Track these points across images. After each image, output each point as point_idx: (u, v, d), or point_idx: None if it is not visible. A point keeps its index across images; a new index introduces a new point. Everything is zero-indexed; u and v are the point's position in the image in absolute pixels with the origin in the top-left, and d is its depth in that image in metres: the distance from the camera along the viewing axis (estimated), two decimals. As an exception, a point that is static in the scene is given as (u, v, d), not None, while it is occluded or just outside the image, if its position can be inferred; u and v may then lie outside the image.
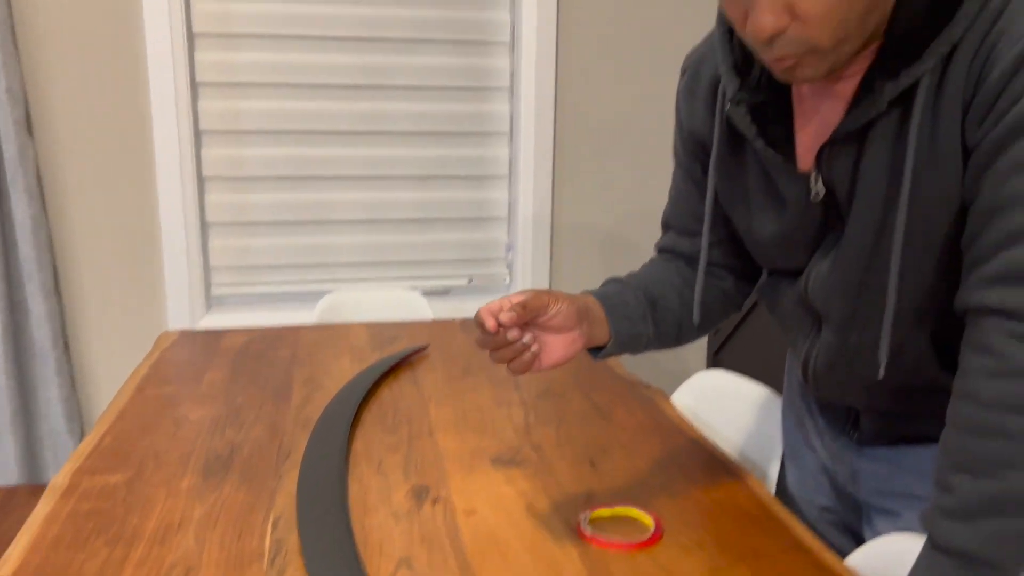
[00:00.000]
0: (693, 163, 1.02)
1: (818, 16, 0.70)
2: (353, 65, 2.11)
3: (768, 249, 0.96)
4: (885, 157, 0.79)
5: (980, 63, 0.71)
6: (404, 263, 2.27)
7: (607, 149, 2.25)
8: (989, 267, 0.72)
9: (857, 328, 0.89)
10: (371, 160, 2.17)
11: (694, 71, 0.98)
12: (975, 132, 0.73)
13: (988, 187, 0.72)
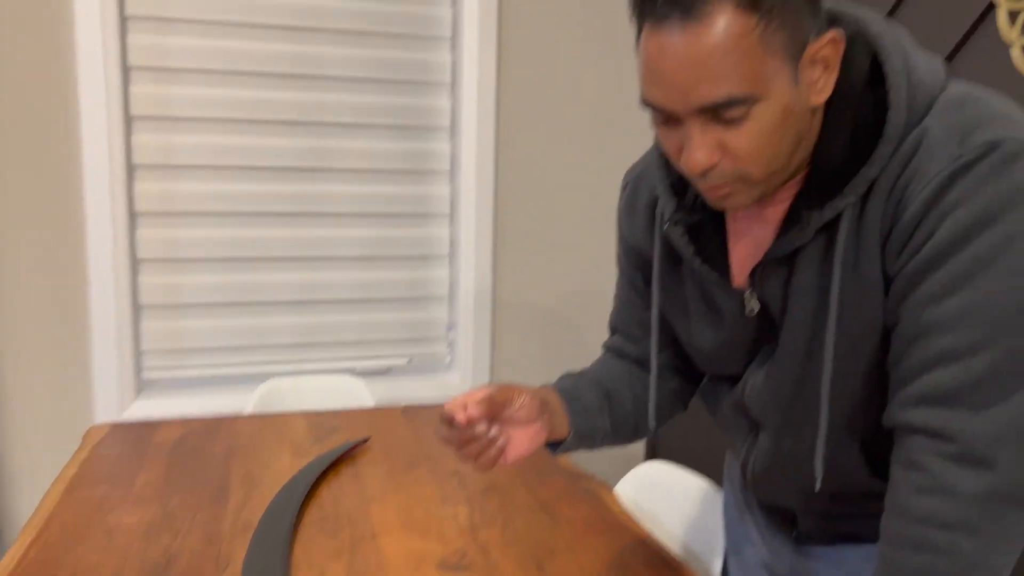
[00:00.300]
0: (635, 273, 1.06)
1: (747, 152, 0.75)
2: (292, 148, 2.12)
3: (707, 357, 1.00)
4: (813, 279, 0.84)
5: (895, 202, 0.77)
6: (342, 343, 2.25)
7: (547, 227, 2.30)
8: (912, 389, 0.76)
9: (791, 436, 0.94)
10: (309, 241, 2.17)
11: (633, 187, 1.03)
12: (893, 264, 0.78)
13: (907, 315, 0.77)
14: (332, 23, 2.10)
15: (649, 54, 0.74)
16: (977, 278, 0.72)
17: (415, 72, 2.17)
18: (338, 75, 2.12)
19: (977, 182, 0.72)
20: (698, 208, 0.91)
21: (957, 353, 0.73)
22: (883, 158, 0.77)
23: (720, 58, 0.71)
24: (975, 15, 1.37)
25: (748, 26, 0.71)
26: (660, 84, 0.74)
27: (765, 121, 0.74)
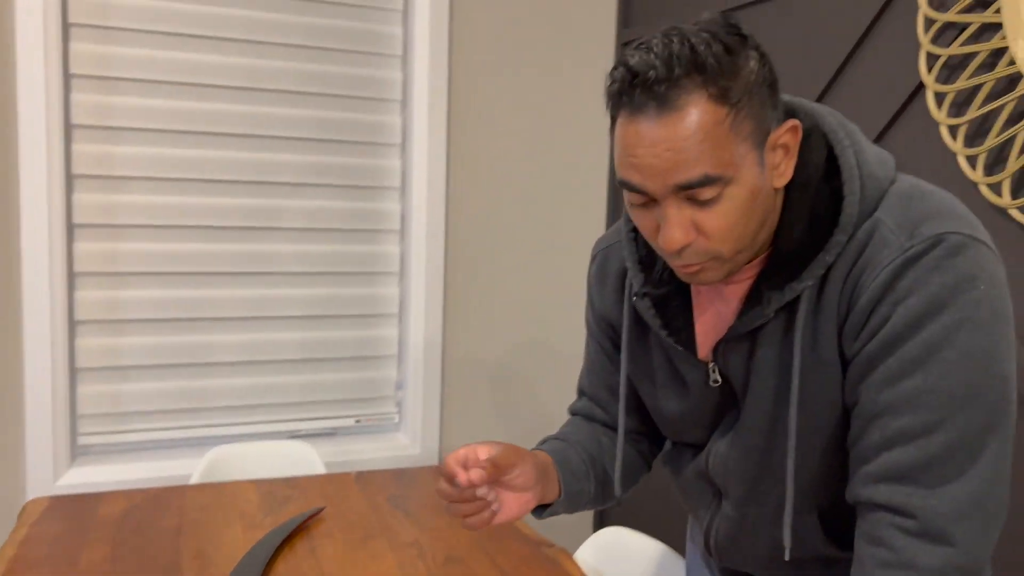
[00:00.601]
0: (605, 339, 1.10)
1: (720, 232, 0.80)
2: (237, 206, 2.09)
3: (672, 424, 1.03)
4: (774, 356, 0.89)
5: (850, 288, 0.82)
6: (288, 405, 2.21)
7: (499, 284, 2.32)
8: (873, 467, 0.80)
9: (755, 504, 0.97)
10: (254, 300, 2.14)
11: (603, 259, 1.07)
12: (851, 346, 0.83)
13: (866, 395, 0.81)
14: (278, 84, 2.10)
15: (627, 141, 0.79)
16: (929, 362, 0.77)
17: (365, 133, 2.19)
18: (285, 135, 2.11)
19: (926, 272, 0.77)
20: (665, 281, 0.95)
21: (914, 433, 0.77)
22: (838, 245, 0.82)
23: (695, 143, 0.76)
24: (906, 94, 1.45)
25: (719, 115, 0.76)
26: (638, 168, 0.79)
27: (736, 202, 0.79)
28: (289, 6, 2.08)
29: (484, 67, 2.23)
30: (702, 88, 0.76)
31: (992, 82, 1.30)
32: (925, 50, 1.40)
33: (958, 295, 0.76)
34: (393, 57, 2.20)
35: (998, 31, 1.29)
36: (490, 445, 0.89)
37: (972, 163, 1.33)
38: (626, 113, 0.79)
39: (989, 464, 0.77)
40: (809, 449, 0.89)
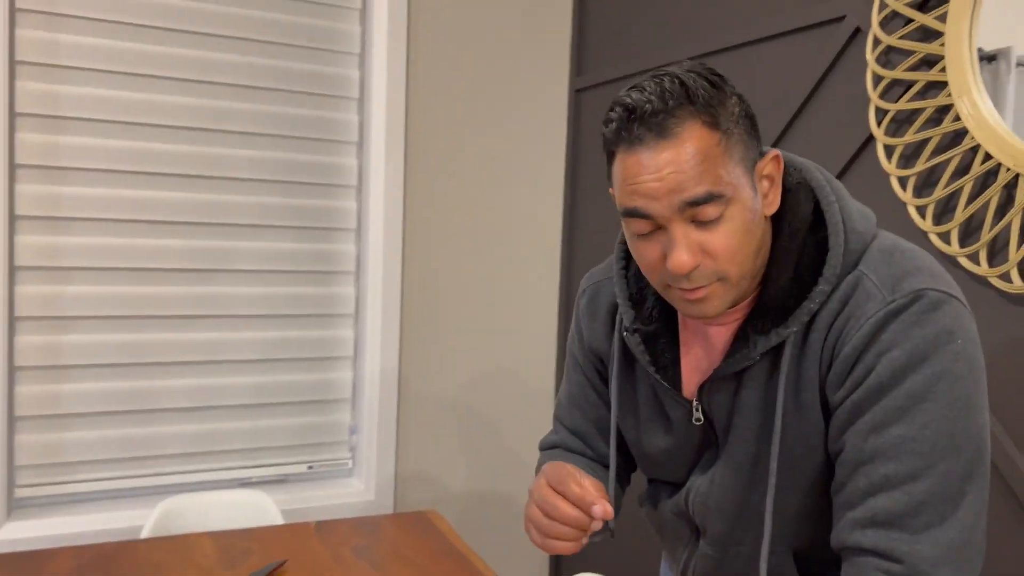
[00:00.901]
0: (591, 371, 1.12)
1: (725, 250, 0.83)
2: (188, 248, 2.05)
3: (653, 461, 1.05)
4: (758, 398, 0.92)
5: (835, 337, 0.86)
6: (238, 451, 2.14)
7: (456, 326, 2.31)
8: (860, 512, 0.82)
9: (733, 543, 0.99)
10: (204, 344, 2.08)
11: (593, 292, 1.10)
12: (834, 394, 0.86)
13: (852, 443, 0.83)
14: (230, 125, 2.07)
15: (630, 171, 0.83)
16: (913, 411, 0.80)
17: (321, 174, 2.17)
18: (239, 176, 2.08)
19: (908, 326, 0.81)
20: (654, 319, 0.98)
21: (899, 479, 0.80)
22: (823, 295, 0.86)
23: (696, 164, 0.80)
24: (857, 145, 1.52)
25: (713, 139, 0.81)
26: (644, 193, 0.82)
27: (736, 222, 0.83)
28: (243, 47, 2.07)
29: (441, 109, 2.25)
30: (695, 116, 0.81)
31: (939, 137, 1.37)
32: (874, 104, 1.47)
33: (938, 348, 0.80)
34: (350, 99, 2.20)
35: (943, 88, 1.36)
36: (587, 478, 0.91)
37: (922, 212, 1.40)
38: (625, 147, 0.83)
39: (969, 510, 0.80)
40: (788, 490, 0.92)
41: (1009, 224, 1.26)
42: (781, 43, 1.69)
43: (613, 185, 0.88)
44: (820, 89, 1.60)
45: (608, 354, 1.08)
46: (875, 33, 1.46)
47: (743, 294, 0.89)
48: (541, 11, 2.34)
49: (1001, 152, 1.26)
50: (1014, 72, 1.28)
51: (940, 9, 1.36)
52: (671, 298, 0.89)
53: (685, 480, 1.04)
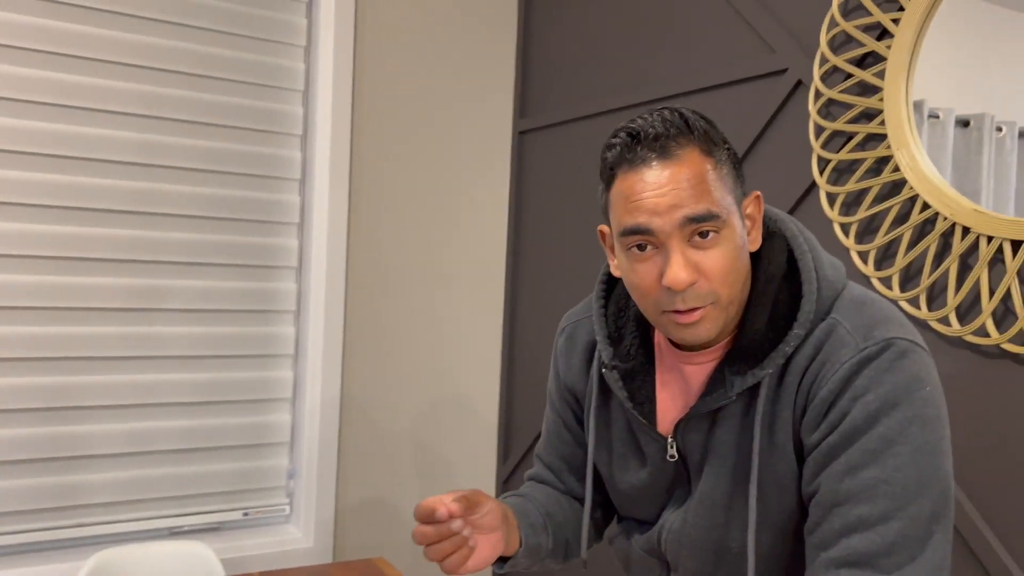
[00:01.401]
0: (565, 410, 1.15)
1: (719, 271, 0.87)
2: (118, 286, 1.96)
3: (626, 497, 1.07)
4: (733, 437, 0.94)
5: (810, 380, 0.89)
6: (169, 499, 2.05)
7: (399, 362, 2.27)
8: (834, 552, 0.85)
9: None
10: (134, 386, 1.99)
11: (571, 331, 1.12)
12: (809, 436, 0.89)
13: (827, 485, 0.86)
14: (170, 160, 2.02)
15: (633, 189, 0.87)
16: (886, 454, 0.83)
17: (261, 211, 2.12)
18: (174, 212, 2.02)
19: (881, 372, 0.85)
20: (632, 356, 1.01)
21: (872, 521, 0.83)
22: (797, 338, 0.89)
23: (696, 184, 0.86)
24: (800, 192, 1.58)
25: (710, 164, 0.87)
26: (646, 209, 0.86)
27: (730, 245, 0.87)
28: (183, 82, 2.02)
29: (387, 151, 2.24)
30: (693, 143, 0.87)
31: (879, 186, 1.44)
32: (816, 153, 1.54)
33: (910, 394, 0.84)
34: (293, 136, 2.17)
35: (883, 140, 1.43)
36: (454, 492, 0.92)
37: (864, 258, 1.46)
38: (627, 168, 0.88)
39: (937, 551, 0.83)
40: (759, 529, 0.94)
41: (947, 271, 1.33)
42: (726, 93, 1.75)
43: (610, 210, 0.92)
44: (764, 138, 1.67)
45: (584, 392, 1.10)
46: (816, 86, 1.53)
47: (728, 324, 0.92)
48: (486, 54, 2.37)
49: (938, 202, 1.33)
50: (927, 123, 1.36)
51: (878, 66, 1.44)
52: (663, 324, 0.91)
53: (656, 517, 1.06)
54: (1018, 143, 1.26)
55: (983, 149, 1.29)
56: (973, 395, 1.30)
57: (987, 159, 1.29)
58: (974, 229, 1.29)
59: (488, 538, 0.97)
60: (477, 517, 0.94)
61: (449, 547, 0.91)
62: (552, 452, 1.18)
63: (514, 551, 1.04)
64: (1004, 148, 1.27)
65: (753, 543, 0.92)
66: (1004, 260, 1.26)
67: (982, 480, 1.28)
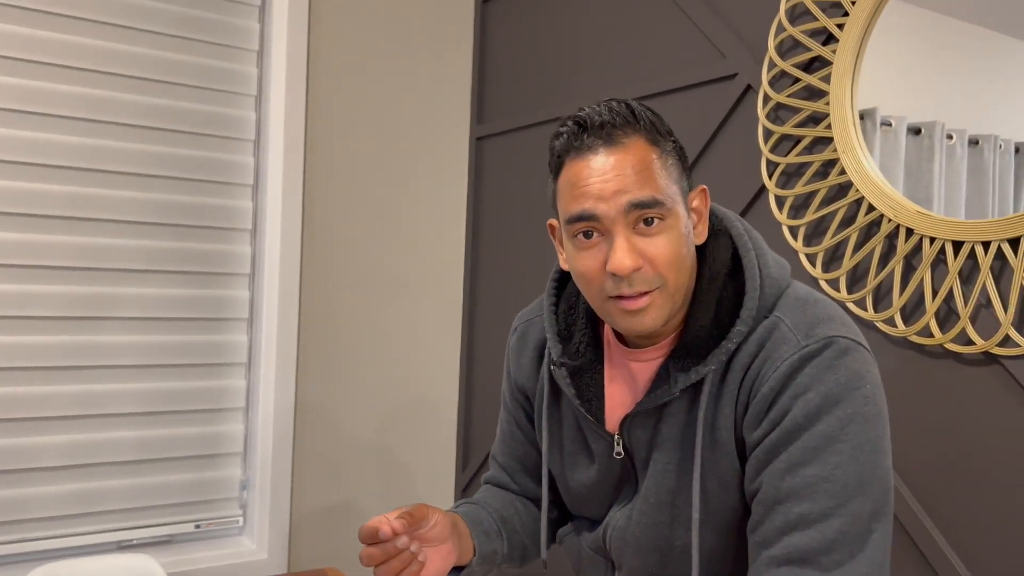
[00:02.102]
0: (518, 410, 1.15)
1: (664, 257, 0.87)
2: (64, 294, 1.92)
3: (576, 495, 1.07)
4: (677, 434, 0.94)
5: (752, 377, 0.89)
6: (119, 512, 1.99)
7: (355, 368, 2.25)
8: (775, 550, 0.85)
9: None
10: (80, 396, 1.94)
11: (523, 330, 1.13)
12: (751, 434, 0.89)
13: (768, 483, 0.86)
14: (118, 166, 1.98)
15: (579, 176, 0.88)
16: (827, 452, 0.83)
17: (212, 217, 2.09)
18: (121, 218, 1.97)
19: (822, 370, 0.85)
20: (580, 354, 1.01)
21: (813, 518, 0.83)
22: (740, 335, 0.90)
23: (641, 171, 0.86)
24: (750, 195, 1.59)
25: (656, 154, 0.88)
26: (592, 195, 0.87)
27: (675, 233, 0.88)
28: (132, 86, 1.98)
29: (341, 156, 2.22)
30: (639, 133, 0.88)
31: (825, 189, 1.45)
32: (765, 157, 1.55)
33: (850, 392, 0.84)
34: (246, 141, 2.14)
35: (829, 144, 1.45)
36: (399, 508, 0.91)
37: (812, 261, 1.47)
38: (575, 155, 0.89)
39: (876, 548, 0.83)
40: (701, 527, 0.94)
41: (892, 272, 1.34)
42: (677, 98, 1.76)
43: (558, 199, 0.92)
44: (715, 142, 1.68)
45: (534, 390, 1.10)
46: (765, 91, 1.55)
47: (673, 317, 0.92)
48: (442, 60, 2.36)
49: (883, 204, 1.35)
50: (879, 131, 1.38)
51: (824, 71, 1.46)
52: (609, 313, 0.91)
53: (605, 516, 1.05)
54: (968, 150, 1.28)
55: (934, 156, 1.31)
56: (918, 394, 1.32)
57: (938, 166, 1.31)
58: (917, 230, 1.30)
59: (438, 550, 0.96)
60: (424, 531, 0.93)
61: (398, 565, 0.90)
62: (506, 453, 1.18)
63: (468, 560, 1.03)
64: (955, 155, 1.29)
65: (697, 541, 0.91)
66: (946, 261, 1.28)
67: (926, 476, 1.30)
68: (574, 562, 1.12)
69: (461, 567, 1.04)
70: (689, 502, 0.94)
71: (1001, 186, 1.24)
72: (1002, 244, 1.20)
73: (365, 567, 0.90)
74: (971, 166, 1.27)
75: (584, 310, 1.03)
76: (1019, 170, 1.22)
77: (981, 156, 1.26)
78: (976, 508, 1.23)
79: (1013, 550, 1.19)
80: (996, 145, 1.25)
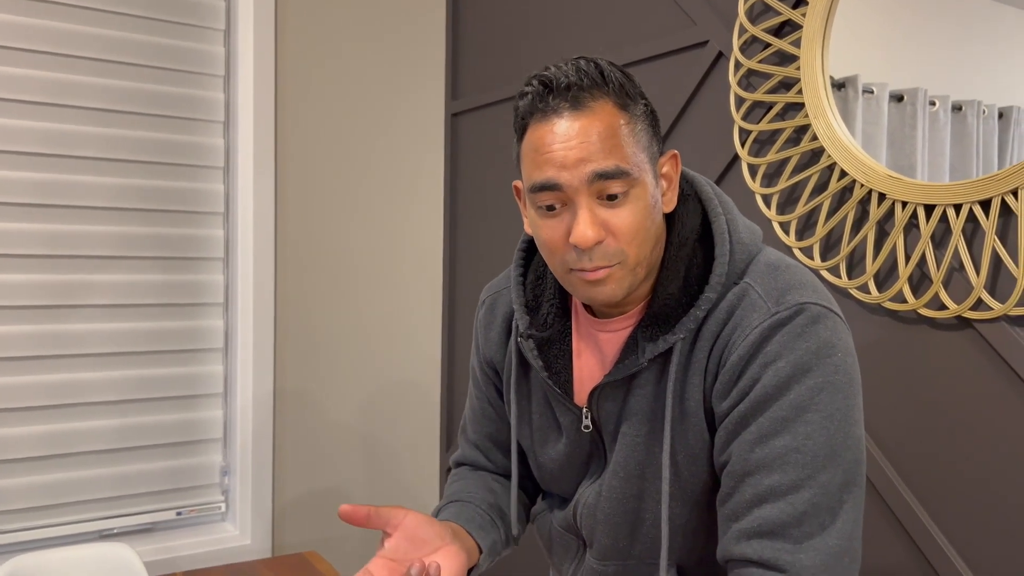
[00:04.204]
0: (488, 385, 1.12)
1: (627, 230, 0.84)
2: (36, 283, 1.89)
3: (547, 471, 1.05)
4: (646, 405, 0.92)
5: (721, 346, 0.87)
6: (98, 501, 1.98)
7: (332, 352, 2.23)
8: (745, 523, 0.82)
9: (619, 556, 0.98)
10: (55, 386, 1.92)
11: (491, 303, 1.09)
12: (720, 404, 0.86)
13: (738, 454, 0.84)
14: (86, 151, 1.94)
15: (543, 140, 0.84)
16: (797, 422, 0.81)
17: (184, 201, 2.06)
18: (93, 204, 1.94)
19: (792, 338, 0.82)
20: (548, 325, 0.98)
21: (783, 490, 0.81)
22: (708, 302, 0.87)
23: (607, 138, 0.82)
24: (723, 164, 1.57)
25: (623, 119, 0.84)
26: (555, 162, 0.83)
27: (640, 204, 0.84)
28: (96, 69, 1.94)
29: (314, 136, 2.18)
30: (608, 96, 0.84)
31: (798, 156, 1.43)
32: (738, 125, 1.52)
33: (820, 360, 0.82)
34: (215, 123, 2.10)
35: (801, 110, 1.42)
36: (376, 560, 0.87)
37: (786, 229, 1.45)
38: (540, 117, 0.84)
39: (847, 519, 0.81)
40: (672, 501, 0.91)
41: (865, 238, 1.32)
42: (649, 67, 1.73)
43: (522, 163, 0.88)
44: (688, 111, 1.65)
45: (503, 364, 1.07)
46: (736, 57, 1.52)
47: (637, 287, 0.89)
48: (415, 36, 2.32)
49: (855, 170, 1.33)
50: (861, 99, 1.36)
51: (794, 35, 1.43)
52: (570, 283, 0.89)
53: (574, 493, 1.03)
54: (951, 116, 1.25)
55: (917, 123, 1.29)
56: (892, 360, 1.30)
57: (921, 133, 1.28)
58: (889, 195, 1.28)
59: (445, 552, 0.91)
60: (410, 533, 0.90)
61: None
62: (478, 430, 1.15)
63: (476, 560, 1.00)
64: (938, 121, 1.27)
65: (667, 514, 0.90)
66: (919, 225, 1.26)
67: (901, 442, 1.29)
68: (545, 541, 1.10)
69: (471, 568, 1.00)
70: (659, 475, 0.92)
71: (985, 151, 1.22)
72: (973, 207, 1.18)
73: None
74: (955, 132, 1.25)
75: (552, 280, 1.00)
76: (1003, 135, 1.19)
77: (964, 122, 1.24)
78: (951, 473, 1.22)
79: (988, 514, 1.18)
80: (979, 111, 1.23)
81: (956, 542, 1.22)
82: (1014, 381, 1.15)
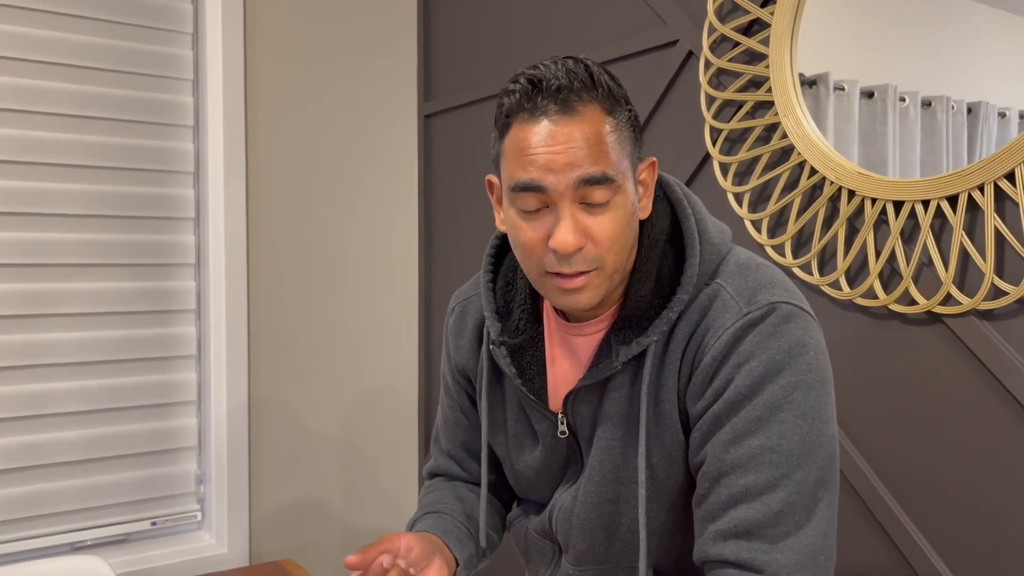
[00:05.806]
0: (461, 394, 1.11)
1: (608, 237, 0.83)
2: (5, 292, 1.85)
3: (523, 479, 1.04)
4: (620, 409, 0.91)
5: (695, 347, 0.87)
6: (69, 513, 1.95)
7: (307, 357, 2.21)
8: (720, 524, 0.82)
9: (594, 561, 0.98)
10: (24, 396, 1.88)
11: (461, 310, 1.08)
12: (695, 405, 0.86)
13: (712, 455, 0.84)
14: (52, 158, 1.91)
15: (528, 141, 0.82)
16: (771, 422, 0.81)
17: (155, 207, 2.03)
18: (62, 211, 1.91)
19: (764, 337, 0.83)
20: (520, 331, 0.97)
21: (758, 490, 0.81)
22: (681, 303, 0.87)
23: (594, 144, 0.81)
24: (695, 163, 1.57)
25: (610, 126, 0.83)
26: (539, 165, 0.82)
27: (621, 211, 0.84)
28: (61, 74, 1.91)
29: (285, 139, 2.16)
30: (596, 101, 0.82)
31: (768, 154, 1.43)
32: (709, 124, 1.53)
33: (793, 359, 0.82)
34: (184, 127, 2.07)
35: (770, 108, 1.43)
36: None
37: (757, 227, 1.46)
38: (526, 117, 0.83)
39: (822, 517, 0.81)
40: (648, 504, 0.91)
41: (836, 235, 1.33)
42: (620, 67, 1.73)
43: (502, 160, 0.86)
44: (659, 111, 1.65)
45: (475, 371, 1.06)
46: (706, 56, 1.52)
47: (612, 292, 0.89)
48: (386, 39, 2.31)
49: (824, 167, 1.33)
50: (832, 96, 1.37)
51: (763, 33, 1.43)
52: (544, 287, 0.88)
53: (551, 498, 1.03)
54: (921, 112, 1.26)
55: (888, 119, 1.30)
56: (864, 356, 1.31)
57: (892, 129, 1.29)
58: (859, 192, 1.29)
59: (431, 567, 0.93)
60: (404, 557, 0.90)
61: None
62: (451, 440, 1.14)
63: (454, 572, 1.00)
64: (908, 117, 1.27)
65: (644, 518, 0.89)
66: (888, 222, 1.26)
67: (874, 437, 1.30)
68: (521, 547, 1.10)
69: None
70: (635, 478, 0.91)
71: (955, 147, 1.23)
72: (941, 202, 1.19)
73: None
74: (925, 128, 1.26)
75: (523, 285, 0.99)
76: (971, 130, 1.20)
77: (934, 117, 1.25)
78: (925, 467, 1.23)
79: (961, 507, 1.19)
80: (949, 106, 1.24)
81: (929, 535, 1.23)
82: (983, 374, 1.16)
